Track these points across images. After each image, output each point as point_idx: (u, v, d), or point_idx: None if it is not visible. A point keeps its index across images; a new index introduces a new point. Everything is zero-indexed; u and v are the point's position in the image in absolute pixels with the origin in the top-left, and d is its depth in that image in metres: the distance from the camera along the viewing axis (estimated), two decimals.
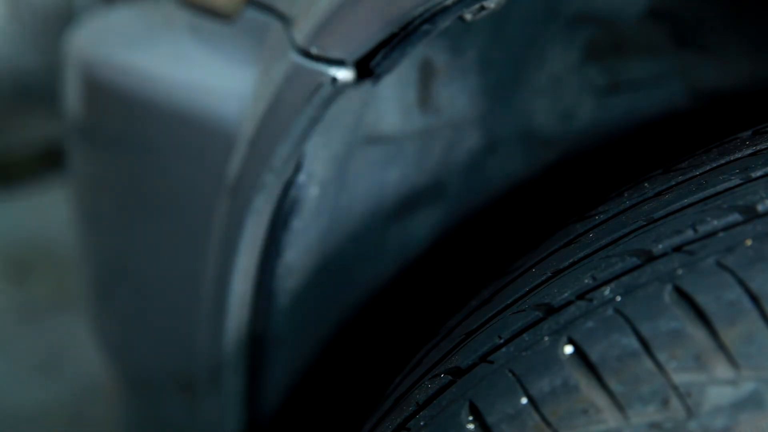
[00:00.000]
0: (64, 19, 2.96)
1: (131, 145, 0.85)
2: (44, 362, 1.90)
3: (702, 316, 0.44)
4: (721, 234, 0.47)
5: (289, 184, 0.68)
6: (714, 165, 0.53)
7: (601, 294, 0.48)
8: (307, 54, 0.63)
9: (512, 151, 0.89)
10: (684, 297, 0.45)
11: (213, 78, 0.76)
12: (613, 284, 0.48)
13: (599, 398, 0.45)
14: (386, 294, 0.87)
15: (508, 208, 0.92)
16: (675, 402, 0.44)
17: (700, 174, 0.53)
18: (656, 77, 0.91)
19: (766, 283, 0.43)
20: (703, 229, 0.47)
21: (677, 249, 0.47)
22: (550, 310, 0.50)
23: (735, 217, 0.47)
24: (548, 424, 0.46)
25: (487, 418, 0.48)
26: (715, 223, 0.47)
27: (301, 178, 0.68)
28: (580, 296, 0.49)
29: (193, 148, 0.77)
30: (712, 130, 0.77)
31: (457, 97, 0.80)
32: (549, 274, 0.53)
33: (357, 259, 0.82)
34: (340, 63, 0.61)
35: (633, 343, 0.45)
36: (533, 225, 0.89)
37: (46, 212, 2.50)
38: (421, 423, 0.52)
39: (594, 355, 0.46)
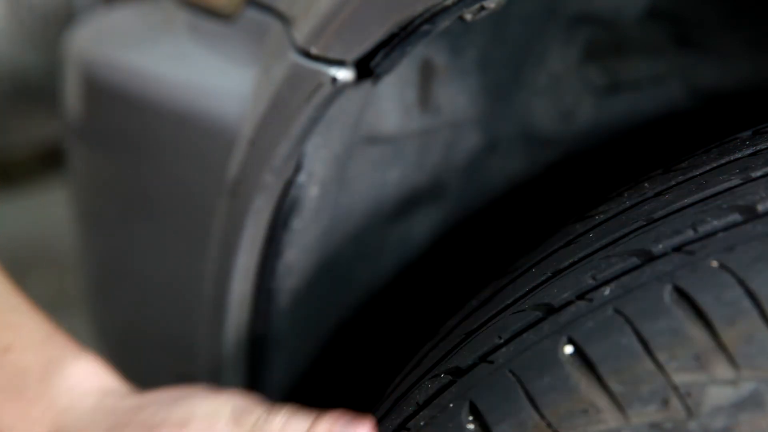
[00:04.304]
0: (64, 19, 2.96)
1: (131, 145, 0.85)
2: None
3: (702, 316, 0.44)
4: (721, 234, 0.47)
5: (289, 184, 0.68)
6: (714, 165, 0.53)
7: (601, 294, 0.48)
8: (307, 54, 0.63)
9: (512, 151, 0.89)
10: (684, 297, 0.45)
11: (213, 78, 0.76)
12: (613, 284, 0.48)
13: (599, 398, 0.45)
14: (386, 294, 0.87)
15: (508, 208, 0.92)
16: (675, 402, 0.44)
17: (700, 174, 0.53)
18: (656, 77, 0.91)
19: (766, 283, 0.43)
20: (703, 229, 0.47)
21: (677, 249, 0.47)
22: (550, 310, 0.50)
23: (735, 217, 0.47)
24: (548, 424, 0.46)
25: (487, 418, 0.48)
26: (715, 223, 0.47)
27: (301, 178, 0.68)
28: (580, 296, 0.49)
29: (193, 148, 0.77)
30: (712, 130, 0.77)
31: (457, 97, 0.80)
32: (549, 274, 0.53)
33: (357, 259, 0.82)
34: (340, 63, 0.61)
35: (633, 343, 0.45)
36: (533, 225, 0.89)
37: (46, 212, 2.49)
38: (421, 423, 0.52)
39: (594, 355, 0.46)
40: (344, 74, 0.61)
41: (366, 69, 0.61)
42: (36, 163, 2.88)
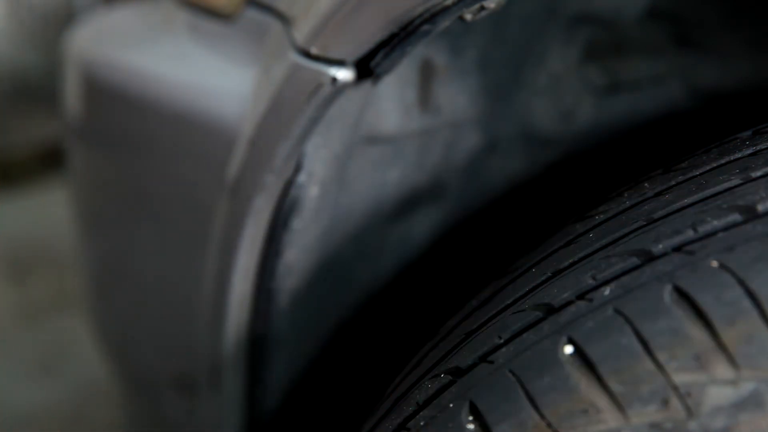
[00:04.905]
0: (64, 19, 2.96)
1: (131, 145, 0.85)
2: (44, 362, 1.90)
3: (702, 316, 0.44)
4: (721, 234, 0.47)
5: (289, 184, 0.68)
6: (714, 165, 0.53)
7: (601, 294, 0.48)
8: (307, 54, 0.63)
9: (512, 151, 0.89)
10: (684, 297, 0.45)
11: (213, 78, 0.76)
12: (613, 284, 0.48)
13: (599, 398, 0.45)
14: (386, 294, 0.87)
15: (508, 208, 0.92)
16: (675, 402, 0.44)
17: (700, 174, 0.53)
18: (656, 77, 0.91)
19: (766, 283, 0.43)
20: (703, 229, 0.47)
21: (677, 249, 0.47)
22: (550, 310, 0.50)
23: (735, 217, 0.47)
24: (548, 424, 0.46)
25: (487, 418, 0.48)
26: (715, 223, 0.47)
27: (301, 178, 0.68)
28: (580, 296, 0.49)
29: (193, 148, 0.77)
30: (712, 130, 0.77)
31: (457, 97, 0.80)
32: (549, 274, 0.53)
33: (357, 259, 0.82)
34: (340, 63, 0.61)
35: (633, 343, 0.45)
36: (533, 225, 0.89)
37: (46, 212, 2.50)
38: (421, 423, 0.52)
39: (594, 355, 0.46)
40: (344, 74, 0.61)
41: (366, 69, 0.61)
42: (36, 163, 2.88)
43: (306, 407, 0.85)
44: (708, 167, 0.53)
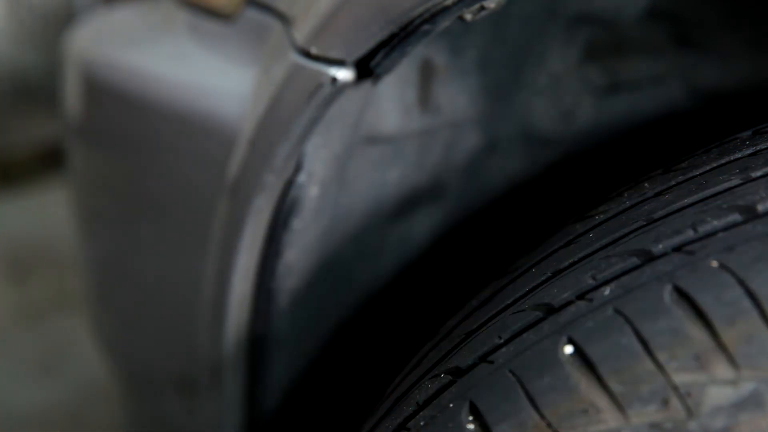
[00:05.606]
0: (64, 19, 2.96)
1: (131, 145, 0.85)
2: (44, 362, 1.90)
3: (702, 316, 0.44)
4: (721, 234, 0.47)
5: (289, 184, 0.68)
6: (714, 165, 0.53)
7: (601, 294, 0.48)
8: (307, 54, 0.63)
9: (512, 151, 0.89)
10: (684, 297, 0.45)
11: (213, 78, 0.76)
12: (613, 284, 0.48)
13: (599, 398, 0.45)
14: (386, 294, 0.87)
15: (508, 208, 0.92)
16: (675, 402, 0.44)
17: (700, 174, 0.53)
18: (656, 77, 0.91)
19: (766, 283, 0.43)
20: (703, 229, 0.47)
21: (677, 249, 0.47)
22: (550, 310, 0.50)
23: (735, 217, 0.47)
24: (548, 424, 0.46)
25: (487, 418, 0.48)
26: (715, 223, 0.47)
27: (301, 178, 0.68)
28: (580, 296, 0.49)
29: (193, 148, 0.77)
30: (712, 130, 0.77)
31: (457, 97, 0.80)
32: (549, 274, 0.53)
33: (357, 259, 0.82)
34: (340, 63, 0.61)
35: (633, 343, 0.45)
36: (533, 225, 0.89)
37: (46, 212, 2.50)
38: (421, 423, 0.52)
39: (594, 355, 0.46)
40: (344, 74, 0.61)
41: (366, 69, 0.61)
42: (36, 163, 2.88)
43: (306, 407, 0.85)
44: (708, 167, 0.53)
